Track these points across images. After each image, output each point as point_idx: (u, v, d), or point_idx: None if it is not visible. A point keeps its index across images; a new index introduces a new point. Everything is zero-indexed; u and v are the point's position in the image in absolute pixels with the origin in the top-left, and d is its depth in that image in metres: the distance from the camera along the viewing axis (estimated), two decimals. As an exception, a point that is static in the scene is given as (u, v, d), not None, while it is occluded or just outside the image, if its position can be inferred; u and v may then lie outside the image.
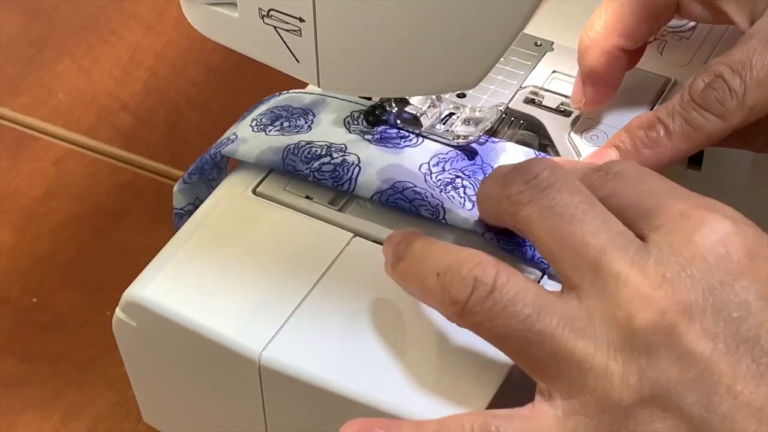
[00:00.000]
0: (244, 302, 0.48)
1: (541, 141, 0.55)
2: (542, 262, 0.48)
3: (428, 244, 0.45)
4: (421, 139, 0.54)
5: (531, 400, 0.42)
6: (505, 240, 0.49)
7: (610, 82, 0.54)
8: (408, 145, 0.53)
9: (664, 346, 0.40)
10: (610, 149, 0.51)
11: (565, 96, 0.56)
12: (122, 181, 0.74)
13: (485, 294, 0.41)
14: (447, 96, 0.55)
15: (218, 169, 0.57)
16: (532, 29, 0.59)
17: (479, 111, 0.55)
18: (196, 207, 0.55)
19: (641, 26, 0.54)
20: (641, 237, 0.42)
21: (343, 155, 0.52)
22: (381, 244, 0.50)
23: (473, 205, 0.50)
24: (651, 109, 0.55)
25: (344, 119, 0.54)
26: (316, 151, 0.52)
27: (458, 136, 0.54)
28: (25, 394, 0.63)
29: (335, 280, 0.48)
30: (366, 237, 0.50)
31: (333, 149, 0.53)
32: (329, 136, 0.53)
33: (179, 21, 0.83)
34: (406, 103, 0.54)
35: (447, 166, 0.52)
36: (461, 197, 0.51)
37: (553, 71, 0.58)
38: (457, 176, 0.52)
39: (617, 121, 0.55)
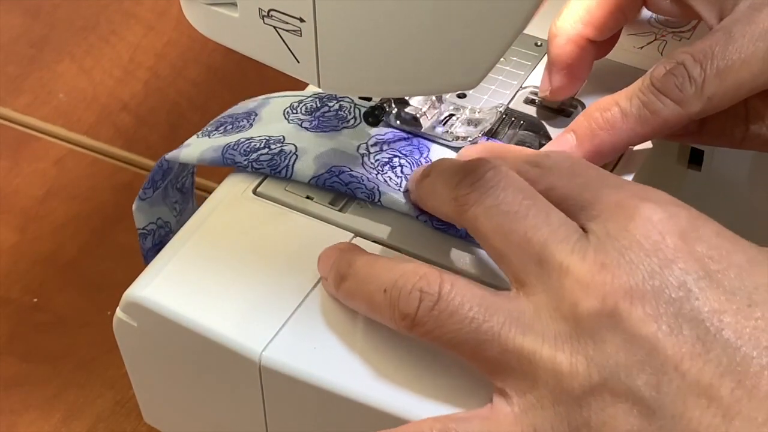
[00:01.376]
0: (244, 302, 0.48)
1: (541, 141, 0.54)
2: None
3: (371, 262, 0.46)
4: (359, 120, 0.54)
5: None
6: (438, 220, 0.49)
7: (575, 72, 0.55)
8: (346, 127, 0.54)
9: (609, 331, 0.40)
10: (568, 133, 0.52)
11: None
12: (123, 182, 0.74)
13: (432, 304, 0.42)
14: (447, 97, 0.55)
15: (181, 193, 0.57)
16: (532, 29, 0.59)
17: (479, 112, 0.55)
18: (160, 227, 0.56)
19: (607, 17, 0.54)
20: (582, 228, 0.43)
21: (281, 146, 0.53)
22: (382, 244, 0.50)
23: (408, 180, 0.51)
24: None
25: (284, 110, 0.55)
26: (254, 145, 0.53)
27: (458, 137, 0.54)
28: (26, 394, 0.63)
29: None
30: (366, 237, 0.50)
31: (271, 141, 0.53)
32: (269, 130, 0.54)
33: (180, 21, 0.83)
34: (406, 104, 0.54)
35: (385, 147, 0.53)
36: (398, 176, 0.52)
37: (554, 71, 0.58)
38: (395, 155, 0.52)
39: (617, 121, 0.55)
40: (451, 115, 0.55)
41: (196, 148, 0.54)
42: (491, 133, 0.55)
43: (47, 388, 0.63)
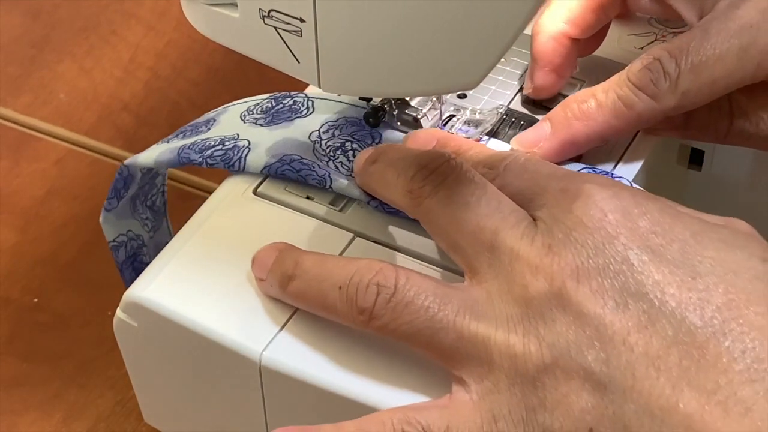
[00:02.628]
0: (245, 302, 0.48)
1: (542, 141, 0.54)
2: None
3: (321, 261, 0.46)
4: (311, 109, 0.54)
5: None
6: (389, 204, 0.50)
7: (558, 70, 0.55)
8: (299, 117, 0.54)
9: (558, 310, 0.41)
10: (544, 122, 0.52)
11: (566, 96, 0.56)
12: (123, 182, 0.74)
13: (388, 296, 0.43)
14: (448, 97, 0.55)
15: (152, 210, 0.58)
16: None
17: (479, 113, 0.55)
18: (131, 239, 0.56)
19: (588, 15, 0.55)
20: (532, 218, 0.44)
21: (235, 142, 0.53)
22: (382, 244, 0.50)
23: None
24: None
25: (240, 114, 0.55)
26: (209, 143, 0.54)
27: (458, 137, 0.54)
28: (27, 395, 0.63)
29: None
30: (366, 237, 0.50)
31: (226, 139, 0.54)
32: (224, 131, 0.54)
33: (180, 21, 0.83)
34: (407, 104, 0.54)
35: (337, 132, 0.53)
36: (350, 161, 0.52)
37: (554, 71, 0.58)
38: (347, 140, 0.53)
39: (618, 122, 0.55)
40: (451, 116, 0.55)
41: (153, 151, 0.55)
42: (492, 134, 0.55)
43: (48, 389, 0.63)
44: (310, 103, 0.55)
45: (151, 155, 0.54)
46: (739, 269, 0.41)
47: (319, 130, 0.53)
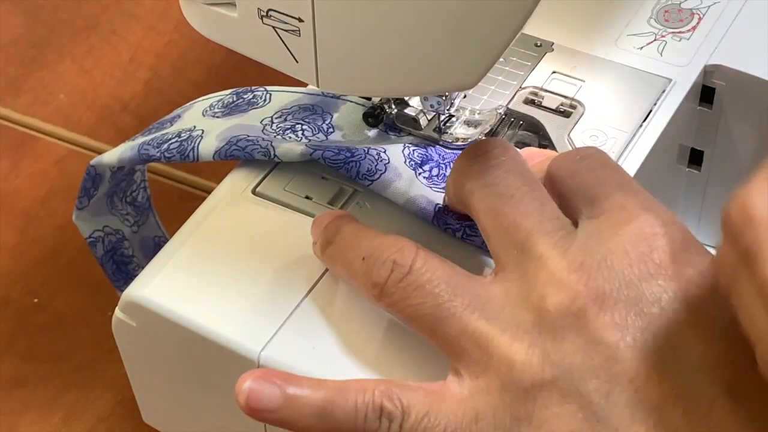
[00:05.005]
0: (243, 302, 0.48)
1: (541, 141, 0.54)
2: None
3: (356, 231, 0.46)
4: (268, 100, 0.55)
5: None
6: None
7: None
8: (255, 108, 0.55)
9: (572, 330, 0.40)
10: None
11: (565, 97, 0.56)
12: (123, 182, 0.74)
13: (401, 276, 0.43)
14: (455, 98, 0.55)
15: (134, 206, 0.58)
16: (532, 29, 0.59)
17: (479, 113, 0.55)
18: (108, 234, 0.56)
19: None
20: (577, 222, 0.43)
21: (190, 133, 0.53)
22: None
23: (308, 140, 0.52)
24: (651, 110, 0.55)
25: (203, 110, 0.56)
26: (167, 137, 0.54)
27: (457, 139, 0.54)
28: (27, 395, 0.63)
29: (334, 280, 0.48)
30: (365, 237, 0.50)
31: (182, 132, 0.54)
32: (184, 125, 0.55)
33: (180, 21, 0.83)
34: (405, 104, 0.54)
35: (289, 117, 0.54)
36: (298, 137, 0.52)
37: (553, 72, 0.58)
38: (298, 123, 0.53)
39: (618, 122, 0.55)
40: (450, 116, 0.55)
41: (117, 150, 0.55)
42: (491, 134, 0.55)
43: (48, 389, 0.63)
44: (267, 95, 0.55)
45: (114, 154, 0.55)
46: None
47: (272, 117, 0.54)
